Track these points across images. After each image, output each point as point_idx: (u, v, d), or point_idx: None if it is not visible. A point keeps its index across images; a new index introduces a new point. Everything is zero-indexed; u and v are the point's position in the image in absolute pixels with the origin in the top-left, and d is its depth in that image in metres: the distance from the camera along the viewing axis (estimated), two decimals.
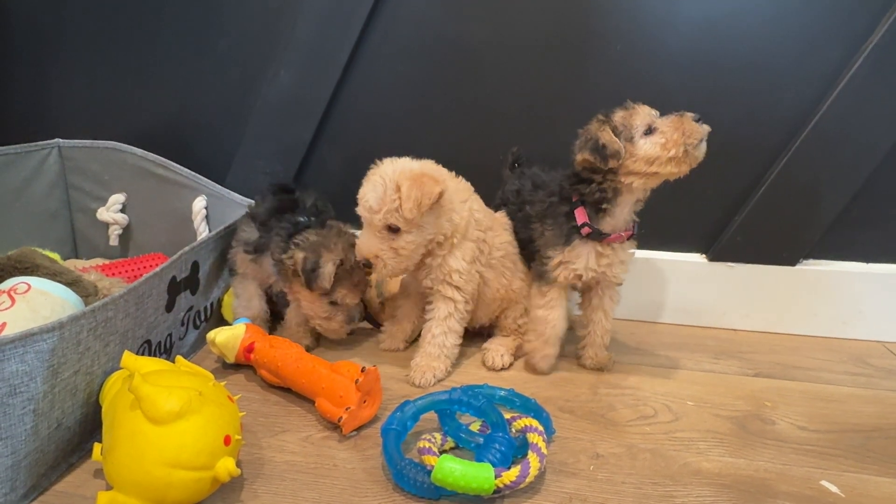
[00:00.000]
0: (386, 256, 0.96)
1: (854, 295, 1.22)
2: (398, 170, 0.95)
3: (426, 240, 0.98)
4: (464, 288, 1.03)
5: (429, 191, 0.92)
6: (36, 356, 0.68)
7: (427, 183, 0.93)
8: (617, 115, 0.95)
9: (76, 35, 1.35)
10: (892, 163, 1.15)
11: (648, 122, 0.94)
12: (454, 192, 1.00)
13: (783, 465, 0.83)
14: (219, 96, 1.34)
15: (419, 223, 0.95)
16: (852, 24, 1.09)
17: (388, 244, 0.96)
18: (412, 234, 0.96)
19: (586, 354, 1.09)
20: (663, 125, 0.93)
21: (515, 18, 1.19)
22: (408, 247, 0.96)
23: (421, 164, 0.99)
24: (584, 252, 1.00)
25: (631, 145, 0.94)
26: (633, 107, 0.96)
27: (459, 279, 1.02)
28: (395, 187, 0.93)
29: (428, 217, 0.96)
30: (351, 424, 0.86)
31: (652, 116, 0.94)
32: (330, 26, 1.23)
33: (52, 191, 1.35)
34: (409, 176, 0.93)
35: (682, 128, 0.91)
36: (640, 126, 0.94)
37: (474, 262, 1.03)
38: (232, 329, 1.03)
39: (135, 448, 0.66)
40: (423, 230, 0.97)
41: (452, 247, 1.01)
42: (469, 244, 1.02)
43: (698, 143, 0.92)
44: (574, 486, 0.78)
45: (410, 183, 0.92)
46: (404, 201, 0.92)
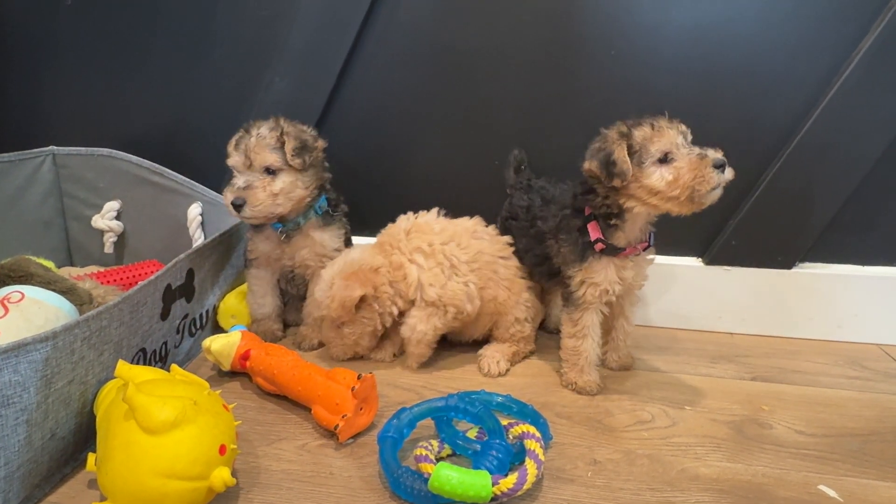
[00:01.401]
0: (333, 343, 1.09)
1: (850, 298, 1.22)
2: (340, 265, 1.05)
3: (367, 330, 1.07)
4: (458, 305, 1.04)
5: (349, 293, 1.01)
6: (29, 366, 0.68)
7: (350, 286, 1.01)
8: (640, 130, 0.91)
9: (71, 42, 1.35)
10: (884, 166, 1.15)
11: (667, 150, 0.89)
12: (386, 271, 1.05)
13: (781, 470, 0.83)
14: (214, 103, 1.34)
15: (354, 318, 1.05)
16: (843, 30, 1.10)
17: (336, 332, 1.08)
18: (350, 327, 1.06)
19: (610, 358, 1.10)
20: (681, 159, 0.89)
21: (510, 25, 1.19)
22: (350, 336, 1.07)
23: (357, 259, 1.05)
24: (600, 267, 0.97)
25: (640, 170, 0.90)
26: (660, 127, 0.90)
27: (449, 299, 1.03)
28: (329, 285, 1.03)
29: (363, 313, 1.05)
30: (347, 432, 0.85)
31: (675, 144, 0.89)
32: (325, 34, 1.23)
33: (47, 199, 1.35)
34: (342, 274, 1.03)
35: (698, 171, 0.87)
36: (656, 152, 0.89)
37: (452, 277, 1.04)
38: (227, 337, 1.02)
39: (129, 458, 0.66)
40: (362, 323, 1.06)
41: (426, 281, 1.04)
42: (438, 269, 1.04)
43: (709, 192, 0.88)
44: (572, 492, 0.78)
45: (339, 283, 1.02)
46: (332, 301, 1.02)
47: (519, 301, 1.11)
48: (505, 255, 1.11)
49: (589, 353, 1.02)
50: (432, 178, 1.30)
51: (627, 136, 0.91)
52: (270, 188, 1.05)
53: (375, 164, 1.32)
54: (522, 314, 1.11)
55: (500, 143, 1.24)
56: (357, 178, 1.30)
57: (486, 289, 1.07)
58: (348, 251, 1.09)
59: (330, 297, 1.02)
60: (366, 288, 1.02)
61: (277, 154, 1.05)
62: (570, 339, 1.02)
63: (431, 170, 1.30)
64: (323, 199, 1.14)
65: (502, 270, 1.09)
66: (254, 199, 1.04)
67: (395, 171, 1.32)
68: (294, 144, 1.05)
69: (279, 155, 1.05)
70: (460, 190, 1.27)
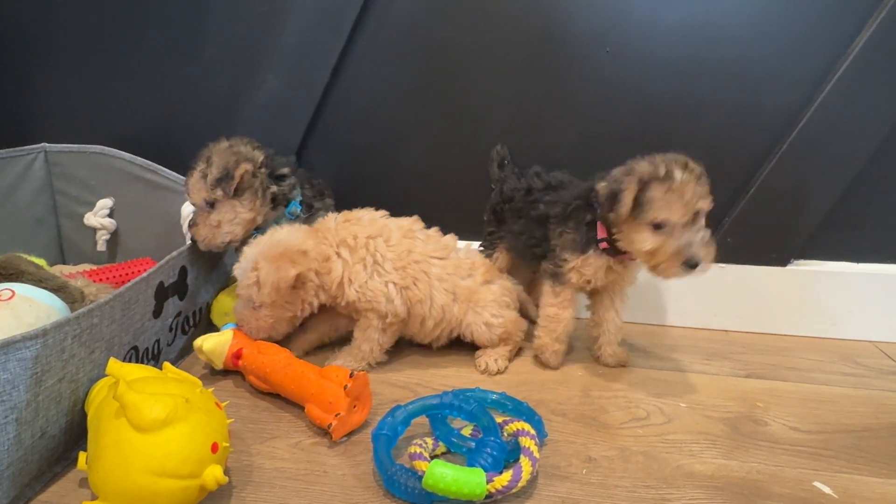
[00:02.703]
0: (251, 325, 1.02)
1: (844, 295, 1.22)
2: (263, 248, 0.99)
3: (287, 315, 1.02)
4: (377, 308, 1.01)
5: (284, 274, 0.96)
6: (18, 364, 0.67)
7: (283, 266, 0.96)
8: (656, 189, 0.89)
9: (63, 39, 1.34)
10: (878, 164, 1.15)
11: (664, 222, 0.89)
12: (316, 257, 1.00)
13: (776, 467, 0.83)
14: (207, 100, 1.33)
15: (278, 301, 0.99)
16: (838, 27, 1.10)
17: (251, 312, 1.02)
18: (269, 310, 1.00)
19: (605, 353, 1.10)
20: (668, 241, 0.89)
21: (503, 22, 1.19)
22: (266, 319, 1.01)
23: (286, 238, 0.99)
24: (595, 262, 1.01)
25: (633, 220, 0.91)
26: (672, 195, 0.88)
27: (368, 301, 1.01)
28: (254, 265, 0.98)
29: (288, 296, 1.00)
30: (341, 430, 0.85)
31: (674, 222, 0.89)
32: (318, 31, 1.22)
33: (39, 196, 1.34)
34: (269, 257, 0.97)
35: (670, 260, 0.89)
36: (655, 217, 0.89)
37: (373, 276, 1.01)
38: (220, 335, 1.02)
39: (120, 457, 0.65)
40: (282, 308, 1.01)
41: (346, 283, 1.01)
42: (360, 266, 1.01)
43: (670, 275, 0.91)
44: (566, 489, 0.77)
45: (268, 265, 0.96)
46: (262, 285, 0.96)
47: (481, 306, 1.08)
48: (441, 255, 1.07)
49: (567, 322, 1.07)
50: (426, 175, 1.30)
51: (645, 185, 0.90)
52: (209, 221, 1.07)
53: (368, 160, 1.32)
54: (493, 319, 1.07)
55: (493, 139, 1.24)
56: (350, 175, 1.30)
57: (411, 289, 1.04)
58: (275, 230, 1.03)
59: (262, 281, 0.96)
60: (299, 267, 0.97)
61: (207, 187, 1.07)
62: (552, 307, 1.07)
63: (425, 166, 1.29)
64: (293, 204, 1.14)
65: (437, 272, 1.05)
66: (197, 235, 1.07)
67: (389, 168, 1.31)
68: (214, 175, 1.05)
69: (208, 187, 1.06)
70: (453, 186, 1.27)
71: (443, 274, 1.06)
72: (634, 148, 1.21)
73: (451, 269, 1.07)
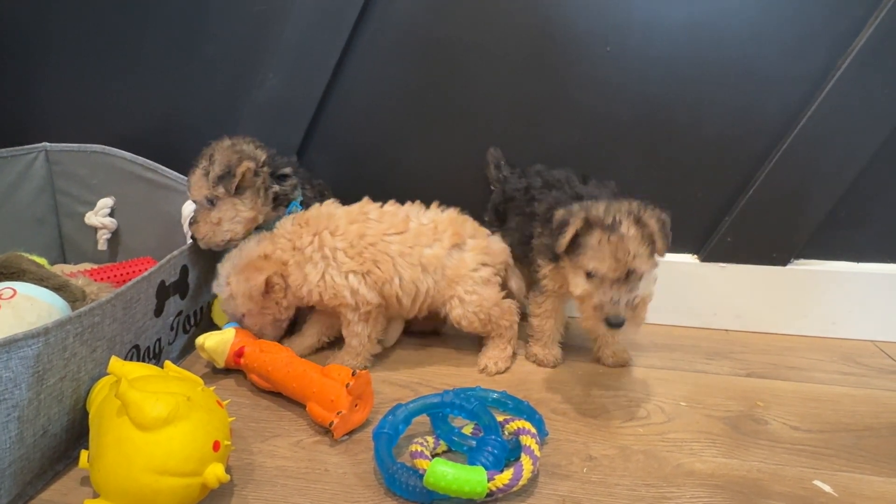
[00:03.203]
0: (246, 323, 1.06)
1: (844, 294, 1.22)
2: (231, 263, 1.04)
3: (268, 321, 1.06)
4: (345, 302, 1.02)
5: (254, 282, 1.01)
6: (20, 362, 0.67)
7: (251, 275, 1.01)
8: (594, 235, 0.86)
9: (63, 38, 1.34)
10: (879, 162, 1.15)
11: (595, 269, 0.86)
12: (276, 259, 1.03)
13: (776, 466, 0.83)
14: (207, 99, 1.33)
15: (256, 310, 1.04)
16: (839, 26, 1.10)
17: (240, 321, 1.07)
18: (252, 318, 1.05)
19: (605, 354, 1.10)
20: (594, 293, 0.87)
21: (504, 21, 1.19)
22: (252, 327, 1.06)
23: (250, 249, 1.04)
24: (563, 275, 0.98)
25: (570, 259, 0.90)
26: (603, 250, 0.85)
27: (333, 297, 1.02)
28: (226, 280, 1.04)
29: (264, 303, 1.04)
30: (342, 429, 0.85)
31: (602, 274, 0.86)
32: (319, 30, 1.22)
33: (40, 195, 1.34)
34: (237, 268, 1.03)
35: (592, 315, 0.87)
36: (585, 263, 0.87)
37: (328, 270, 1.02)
38: (221, 334, 1.02)
39: (122, 455, 0.65)
40: (262, 315, 1.05)
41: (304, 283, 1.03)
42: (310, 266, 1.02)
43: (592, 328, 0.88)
44: (567, 488, 0.78)
45: (237, 277, 1.02)
46: (237, 298, 1.03)
47: (455, 280, 1.05)
48: (399, 230, 1.04)
49: (552, 332, 1.09)
50: (426, 174, 1.30)
51: (588, 228, 0.88)
52: (209, 219, 1.07)
53: (369, 160, 1.32)
54: (466, 295, 1.04)
55: (493, 139, 1.24)
56: (350, 174, 1.30)
57: (374, 273, 1.02)
58: (242, 244, 1.07)
59: (235, 294, 1.02)
60: (266, 271, 1.01)
61: (209, 184, 1.07)
62: (536, 318, 1.09)
63: (425, 166, 1.29)
64: (293, 204, 1.14)
65: (396, 248, 1.02)
66: (198, 233, 1.08)
67: (389, 167, 1.31)
68: (216, 173, 1.05)
69: (210, 185, 1.07)
70: (453, 185, 1.27)
71: (403, 249, 1.03)
72: (634, 147, 1.22)
73: (412, 240, 1.04)
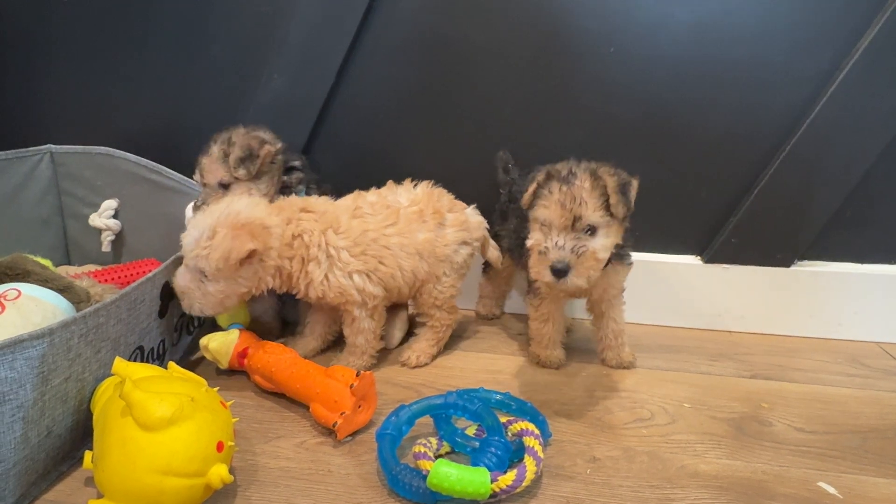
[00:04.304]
0: (194, 296, 0.95)
1: (849, 296, 1.22)
2: (223, 215, 0.92)
3: (240, 291, 0.96)
4: (352, 300, 1.00)
5: (239, 246, 0.90)
6: (25, 363, 0.67)
7: (240, 238, 0.90)
8: (553, 183, 0.88)
9: (68, 40, 1.35)
10: (884, 163, 1.15)
11: (544, 217, 0.88)
12: (278, 238, 0.95)
13: (781, 467, 0.82)
14: (212, 100, 1.33)
15: (230, 275, 0.93)
16: (844, 25, 1.10)
17: (197, 285, 0.94)
18: (221, 284, 0.93)
19: (607, 357, 1.10)
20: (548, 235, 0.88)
21: (509, 20, 1.19)
22: (216, 294, 0.94)
23: (247, 210, 0.94)
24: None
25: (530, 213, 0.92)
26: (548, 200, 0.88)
27: (339, 296, 0.99)
28: (210, 234, 0.91)
29: (243, 271, 0.94)
30: (346, 430, 0.85)
31: (554, 214, 0.87)
32: (323, 30, 1.22)
33: (44, 197, 1.34)
34: (228, 225, 0.91)
35: (538, 263, 0.88)
36: (536, 213, 0.90)
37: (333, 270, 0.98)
38: (225, 335, 1.02)
39: (126, 455, 0.66)
40: (236, 282, 0.94)
41: (303, 280, 0.98)
42: (314, 264, 0.98)
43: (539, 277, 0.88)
44: (571, 489, 0.77)
45: (226, 233, 0.90)
46: (213, 251, 0.90)
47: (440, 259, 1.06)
48: (393, 221, 1.03)
49: (551, 335, 1.08)
50: (431, 173, 1.29)
51: (546, 179, 0.90)
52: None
53: (374, 160, 1.32)
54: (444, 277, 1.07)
55: (497, 139, 1.24)
56: (355, 174, 1.29)
57: (380, 269, 1.01)
58: (233, 199, 0.97)
59: (214, 247, 0.90)
60: (257, 243, 0.92)
61: (226, 167, 1.06)
62: (534, 321, 1.09)
63: (430, 166, 1.29)
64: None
65: (396, 241, 1.02)
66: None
67: (394, 168, 1.31)
68: (237, 155, 1.05)
69: (227, 168, 1.06)
70: (459, 185, 1.26)
71: (402, 240, 1.02)
72: (639, 147, 1.22)
73: (406, 229, 1.03)
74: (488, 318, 1.32)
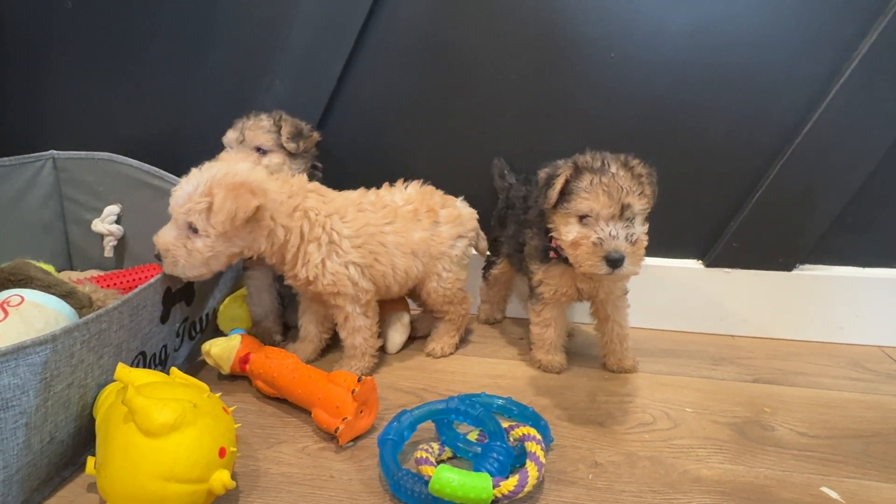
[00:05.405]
0: (179, 254, 0.91)
1: (850, 299, 1.22)
2: (218, 174, 0.89)
3: (230, 252, 0.92)
4: (344, 292, 0.99)
5: (244, 204, 0.87)
6: (28, 369, 0.67)
7: (243, 195, 0.87)
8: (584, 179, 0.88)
9: (70, 46, 1.35)
10: (886, 167, 1.15)
11: (590, 209, 0.88)
12: (277, 202, 0.93)
13: (783, 472, 0.82)
14: (214, 105, 1.34)
15: (231, 233, 0.90)
16: (844, 30, 1.10)
17: (183, 242, 0.91)
18: (211, 240, 0.89)
19: (609, 361, 1.10)
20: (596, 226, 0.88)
21: (509, 28, 1.19)
22: (203, 251, 0.90)
23: (245, 171, 0.92)
24: (557, 273, 1.00)
25: (560, 210, 0.91)
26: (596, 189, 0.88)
27: (331, 285, 0.98)
28: (206, 190, 0.88)
29: (240, 231, 0.90)
30: (347, 435, 0.85)
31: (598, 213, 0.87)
32: (325, 35, 1.23)
33: (47, 202, 1.34)
34: (226, 184, 0.88)
35: (591, 254, 0.87)
36: (577, 206, 0.89)
37: (332, 257, 0.97)
38: (227, 340, 1.02)
39: (128, 461, 0.66)
40: (230, 242, 0.91)
41: (301, 258, 0.96)
42: (314, 245, 0.96)
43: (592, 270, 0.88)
44: (573, 494, 0.77)
45: (226, 193, 0.87)
46: (217, 213, 0.87)
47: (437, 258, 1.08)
48: (390, 219, 1.04)
49: (553, 340, 1.08)
50: (432, 178, 1.30)
51: (577, 174, 0.90)
52: (259, 163, 1.09)
53: (375, 165, 1.32)
54: (444, 272, 1.09)
55: (498, 144, 1.24)
56: (357, 180, 1.30)
57: (374, 266, 1.01)
58: (232, 163, 0.95)
59: (217, 209, 0.86)
60: (259, 199, 0.88)
61: (271, 136, 1.12)
62: (536, 326, 1.09)
63: (431, 170, 1.29)
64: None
65: (392, 239, 1.03)
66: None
67: (396, 173, 1.31)
68: (291, 129, 1.13)
69: (272, 137, 1.12)
70: (460, 190, 1.27)
71: (398, 239, 1.03)
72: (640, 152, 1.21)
73: (402, 228, 1.04)
74: (489, 323, 1.32)
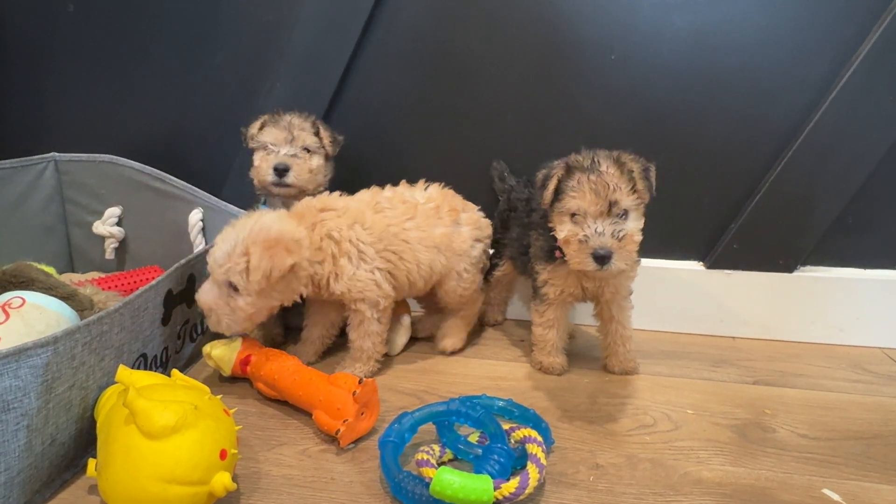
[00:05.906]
0: (222, 312, 0.93)
1: (851, 301, 1.22)
2: (254, 230, 0.91)
3: (270, 306, 0.96)
4: (369, 297, 1.01)
5: (279, 263, 0.89)
6: (30, 371, 0.68)
7: (279, 254, 0.90)
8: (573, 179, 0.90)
9: (72, 49, 1.36)
10: (885, 169, 1.15)
11: (578, 207, 0.90)
12: (307, 245, 0.95)
13: (784, 474, 0.82)
14: (215, 108, 1.34)
15: (268, 290, 0.93)
16: (844, 32, 1.10)
17: (225, 300, 0.93)
18: (252, 298, 0.92)
19: (611, 363, 1.10)
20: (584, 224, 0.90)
21: (509, 30, 1.20)
22: (247, 308, 0.93)
23: (280, 226, 0.93)
24: (563, 273, 1.00)
25: (554, 208, 0.93)
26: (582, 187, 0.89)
27: (359, 292, 1.00)
28: (243, 250, 0.90)
29: (278, 285, 0.93)
30: (348, 437, 0.85)
31: (589, 202, 0.89)
32: (326, 38, 1.23)
33: (49, 205, 1.35)
34: (262, 242, 0.90)
35: (578, 251, 0.89)
36: (567, 204, 0.91)
37: (360, 266, 1.00)
38: (228, 342, 1.02)
39: (129, 463, 0.66)
40: (269, 296, 0.94)
41: (333, 276, 0.99)
42: (345, 259, 0.99)
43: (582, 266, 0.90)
44: (574, 496, 0.77)
45: (262, 252, 0.89)
46: (253, 272, 0.89)
47: (458, 255, 1.09)
48: (411, 215, 1.05)
49: (555, 341, 1.08)
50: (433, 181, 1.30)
51: (568, 173, 0.92)
52: (309, 164, 1.13)
53: (376, 168, 1.32)
54: (465, 273, 1.10)
55: (499, 147, 1.25)
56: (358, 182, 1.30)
57: (399, 267, 1.03)
58: (259, 214, 0.97)
59: (254, 268, 0.89)
60: (294, 256, 0.91)
61: (314, 137, 1.14)
62: (538, 328, 1.09)
63: (432, 173, 1.29)
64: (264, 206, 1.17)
65: (414, 235, 1.04)
66: (299, 170, 1.11)
67: (396, 176, 1.31)
68: (330, 134, 1.16)
69: (315, 139, 1.15)
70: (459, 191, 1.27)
71: (420, 234, 1.05)
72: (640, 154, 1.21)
73: (424, 224, 1.06)
74: (491, 325, 1.32)
